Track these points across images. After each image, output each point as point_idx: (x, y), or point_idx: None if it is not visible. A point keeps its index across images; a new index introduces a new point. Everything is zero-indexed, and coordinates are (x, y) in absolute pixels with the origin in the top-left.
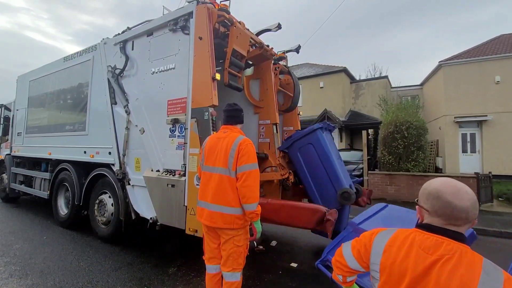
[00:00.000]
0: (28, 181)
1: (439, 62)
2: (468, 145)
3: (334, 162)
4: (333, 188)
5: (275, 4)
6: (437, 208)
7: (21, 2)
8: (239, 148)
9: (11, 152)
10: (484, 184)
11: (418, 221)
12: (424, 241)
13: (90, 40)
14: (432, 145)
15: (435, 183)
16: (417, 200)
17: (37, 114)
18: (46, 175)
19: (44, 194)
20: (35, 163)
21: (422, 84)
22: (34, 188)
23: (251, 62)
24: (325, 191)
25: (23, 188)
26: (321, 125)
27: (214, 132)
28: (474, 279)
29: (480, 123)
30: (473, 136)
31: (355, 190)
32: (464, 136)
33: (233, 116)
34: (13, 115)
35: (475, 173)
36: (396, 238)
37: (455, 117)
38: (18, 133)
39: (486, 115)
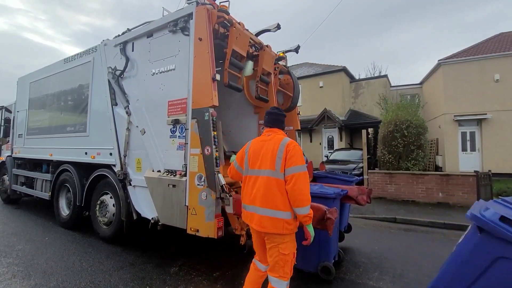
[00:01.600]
0: (29, 182)
1: (438, 60)
2: (468, 143)
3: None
4: (317, 255)
5: (274, 4)
6: None
7: (19, 3)
8: (287, 149)
9: (12, 153)
10: (483, 182)
11: None
12: None
13: (89, 41)
14: (432, 143)
15: None
16: None
17: (38, 115)
18: (48, 176)
19: (46, 195)
20: (36, 164)
21: (421, 83)
22: (35, 190)
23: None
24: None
25: (24, 189)
26: None
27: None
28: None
29: (479, 122)
30: (472, 134)
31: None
32: (463, 134)
33: (278, 120)
34: (13, 117)
35: (475, 171)
36: None
37: (454, 116)
38: (19, 134)
39: (486, 114)
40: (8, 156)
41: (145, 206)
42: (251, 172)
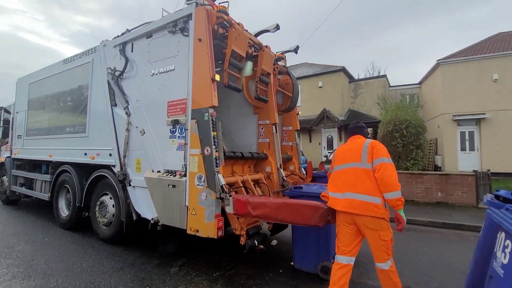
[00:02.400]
0: (29, 183)
1: (437, 60)
2: (467, 143)
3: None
4: (317, 254)
5: (273, 5)
6: None
7: (16, 3)
8: (372, 145)
9: (11, 154)
10: (482, 182)
11: None
12: None
13: (87, 42)
14: (431, 143)
15: None
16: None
17: (37, 116)
18: (47, 177)
19: (45, 196)
20: (35, 165)
21: (420, 83)
22: (35, 190)
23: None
24: (307, 251)
25: (23, 190)
26: None
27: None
28: None
29: (478, 121)
30: (471, 134)
31: None
32: (462, 134)
33: (358, 129)
34: (13, 118)
35: (474, 171)
36: None
37: (453, 115)
38: (18, 135)
39: (484, 113)
40: (7, 157)
41: (145, 206)
42: (337, 168)
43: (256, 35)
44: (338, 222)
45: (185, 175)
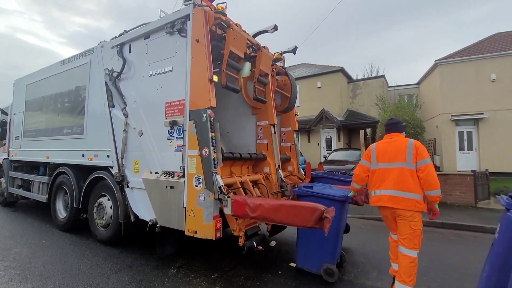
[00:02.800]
0: (26, 185)
1: (435, 61)
2: (465, 143)
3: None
4: (320, 256)
5: (271, 5)
6: None
7: (14, 4)
8: (416, 146)
9: (8, 156)
10: (481, 182)
11: None
12: None
13: (84, 42)
14: (429, 143)
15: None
16: None
17: (35, 117)
18: (45, 178)
19: (43, 197)
20: (33, 167)
21: (418, 83)
22: (32, 192)
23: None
24: (310, 251)
25: (21, 192)
26: None
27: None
28: None
29: (476, 121)
30: (469, 134)
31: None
32: (461, 134)
33: (394, 126)
34: (10, 119)
35: (472, 170)
36: None
37: (451, 116)
38: (16, 137)
39: (482, 113)
40: (4, 158)
41: (143, 208)
42: (380, 165)
43: (254, 36)
44: (382, 215)
45: (183, 176)
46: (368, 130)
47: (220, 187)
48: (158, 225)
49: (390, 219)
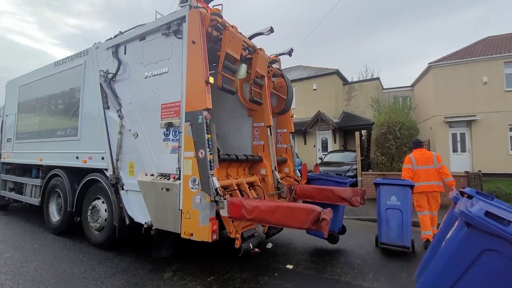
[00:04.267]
0: (19, 188)
1: (428, 63)
2: (458, 144)
3: None
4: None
5: (267, 8)
6: None
7: (5, 5)
8: (437, 155)
9: (0, 158)
10: (474, 183)
11: None
12: None
13: (78, 44)
14: (423, 145)
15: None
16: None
17: (28, 119)
18: (37, 181)
19: (35, 201)
20: (25, 169)
21: (412, 85)
22: (24, 195)
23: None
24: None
25: (13, 195)
26: None
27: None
28: None
29: (469, 123)
30: (463, 135)
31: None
32: (454, 135)
33: (420, 143)
34: (2, 121)
35: (466, 171)
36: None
37: (445, 117)
38: (8, 139)
39: (475, 115)
40: None
41: (138, 210)
42: (421, 167)
43: (250, 37)
44: (419, 198)
45: (179, 178)
46: (364, 132)
47: (216, 189)
48: (153, 228)
49: (425, 200)
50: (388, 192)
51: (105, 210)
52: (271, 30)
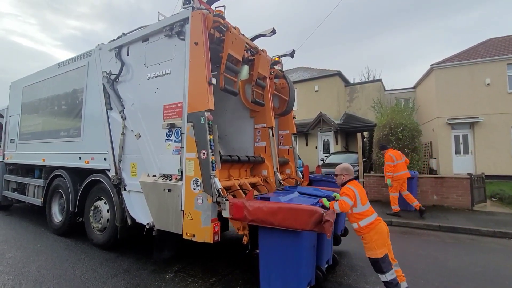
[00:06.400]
0: (21, 188)
1: (431, 65)
2: (461, 146)
3: None
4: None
5: (269, 9)
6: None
7: (8, 7)
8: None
9: (3, 159)
10: (477, 185)
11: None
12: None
13: (79, 45)
14: (426, 147)
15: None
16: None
17: (31, 120)
18: (40, 182)
19: (38, 201)
20: (28, 170)
21: (415, 87)
22: (27, 196)
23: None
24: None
25: (16, 195)
26: None
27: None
28: None
29: (472, 125)
30: (465, 137)
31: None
32: (456, 137)
33: (387, 146)
34: (5, 122)
35: (468, 174)
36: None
37: (447, 119)
38: (11, 140)
39: (478, 117)
40: None
41: (140, 211)
42: (399, 161)
43: (253, 39)
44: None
45: (181, 179)
46: (365, 133)
47: (218, 190)
48: (155, 229)
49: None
50: None
51: (107, 211)
52: (274, 31)
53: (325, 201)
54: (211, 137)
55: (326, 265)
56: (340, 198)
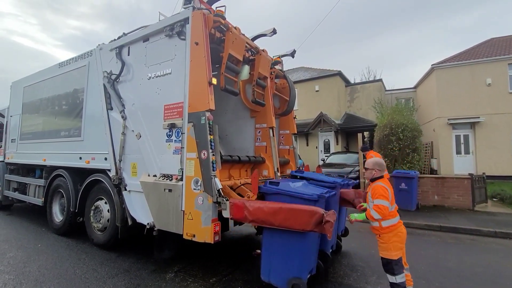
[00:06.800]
0: (22, 188)
1: (431, 65)
2: (462, 146)
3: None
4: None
5: (269, 9)
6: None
7: (8, 7)
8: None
9: (4, 159)
10: (478, 185)
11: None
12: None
13: (80, 45)
14: (426, 147)
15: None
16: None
17: (32, 120)
18: (41, 181)
19: (39, 201)
20: (29, 169)
21: (415, 87)
22: (28, 195)
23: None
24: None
25: (17, 195)
26: None
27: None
28: None
29: (472, 125)
30: (466, 137)
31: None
32: (457, 137)
33: (369, 148)
34: (6, 122)
35: (469, 174)
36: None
37: (448, 119)
38: (12, 139)
39: (479, 117)
40: (0, 161)
41: (141, 211)
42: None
43: (253, 39)
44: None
45: (181, 179)
46: (366, 133)
47: (218, 190)
48: (155, 229)
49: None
50: None
51: (108, 211)
52: (274, 31)
53: (358, 216)
54: (212, 137)
55: (331, 250)
56: (375, 203)
